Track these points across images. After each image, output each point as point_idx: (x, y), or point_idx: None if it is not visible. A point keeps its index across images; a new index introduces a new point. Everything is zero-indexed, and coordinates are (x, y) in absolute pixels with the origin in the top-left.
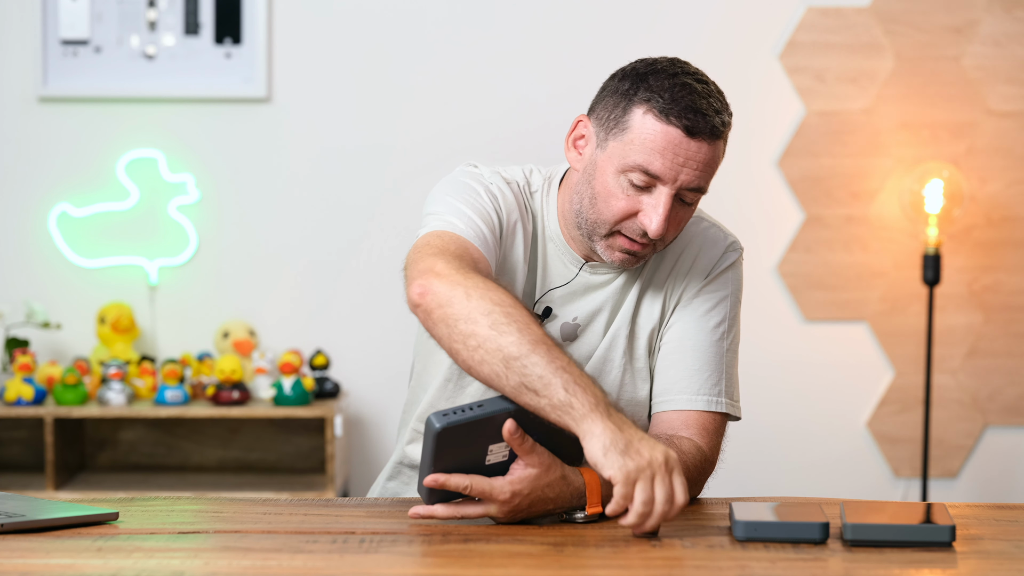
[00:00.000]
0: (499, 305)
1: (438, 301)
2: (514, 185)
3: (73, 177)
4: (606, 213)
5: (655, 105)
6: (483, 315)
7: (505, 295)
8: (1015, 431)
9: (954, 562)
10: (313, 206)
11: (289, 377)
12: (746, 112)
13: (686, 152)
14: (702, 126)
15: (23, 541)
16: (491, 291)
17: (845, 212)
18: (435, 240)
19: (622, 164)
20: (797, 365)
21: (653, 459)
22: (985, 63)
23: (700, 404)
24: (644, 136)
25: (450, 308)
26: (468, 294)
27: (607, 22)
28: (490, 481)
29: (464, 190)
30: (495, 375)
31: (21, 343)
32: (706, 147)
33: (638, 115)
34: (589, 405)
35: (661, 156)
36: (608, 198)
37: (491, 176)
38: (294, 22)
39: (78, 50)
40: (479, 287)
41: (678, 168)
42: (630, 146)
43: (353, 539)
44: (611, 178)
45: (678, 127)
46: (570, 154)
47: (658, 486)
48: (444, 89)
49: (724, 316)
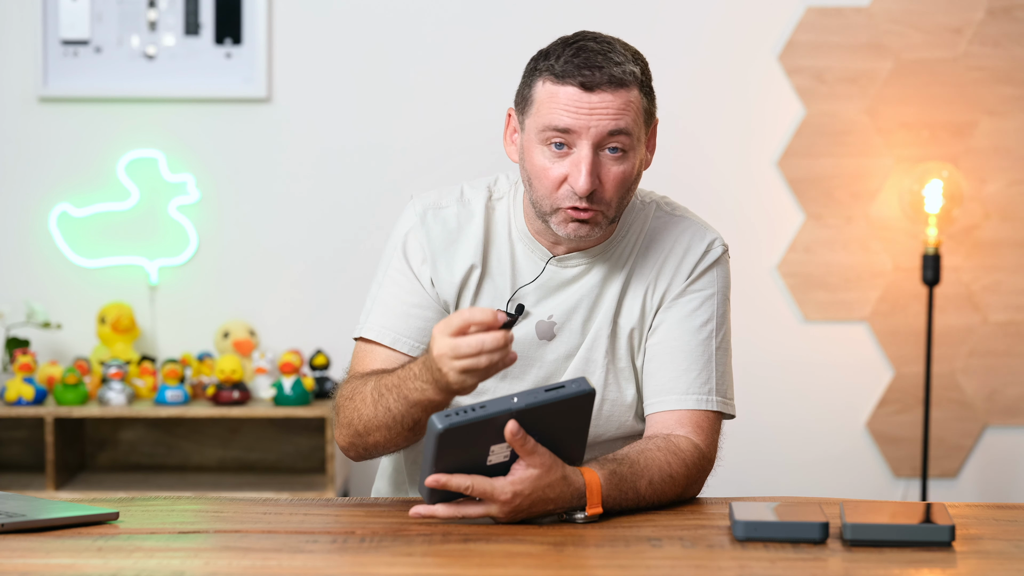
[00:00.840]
0: (354, 409)
1: (347, 451)
2: (449, 210)
3: (73, 177)
4: (541, 188)
5: (550, 72)
6: (360, 426)
7: (357, 394)
8: (1015, 431)
9: (954, 562)
10: (313, 206)
11: (289, 377)
12: (746, 112)
13: (589, 104)
14: (598, 78)
15: (23, 541)
16: (353, 404)
17: (845, 212)
18: (346, 383)
19: (537, 133)
20: (797, 365)
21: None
22: (985, 63)
23: (690, 403)
24: (547, 100)
25: (352, 449)
26: (344, 433)
27: (607, 22)
28: (491, 481)
29: (387, 284)
30: (395, 426)
31: (21, 343)
32: (609, 96)
33: (539, 86)
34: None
35: (566, 112)
36: (539, 174)
37: (411, 231)
38: (294, 22)
39: (78, 50)
40: (347, 415)
41: (586, 118)
42: (538, 115)
43: (353, 539)
44: (536, 154)
45: (574, 85)
46: (507, 148)
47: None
48: (444, 89)
49: (711, 314)
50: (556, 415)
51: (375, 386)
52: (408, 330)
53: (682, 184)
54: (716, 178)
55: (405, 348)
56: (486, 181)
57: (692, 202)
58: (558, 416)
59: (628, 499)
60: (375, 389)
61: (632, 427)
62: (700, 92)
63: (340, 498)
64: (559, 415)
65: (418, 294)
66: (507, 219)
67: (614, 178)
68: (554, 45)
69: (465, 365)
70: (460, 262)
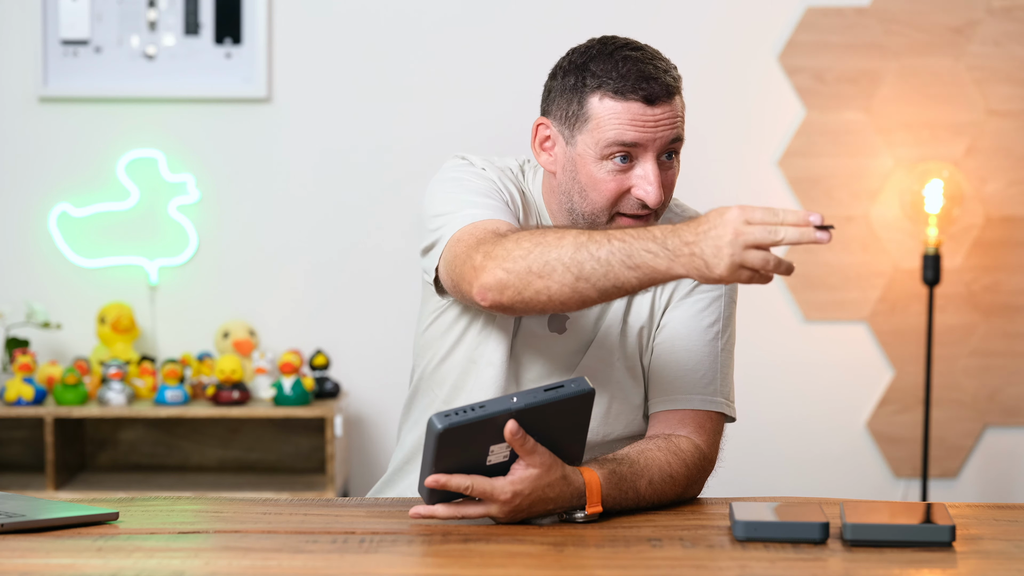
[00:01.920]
0: (536, 244)
1: (498, 290)
2: (507, 172)
3: (73, 177)
4: (600, 200)
5: (608, 88)
6: (536, 265)
7: (530, 233)
8: (1015, 431)
9: (954, 562)
10: (313, 206)
11: (289, 377)
12: (746, 112)
13: (653, 118)
14: (657, 90)
15: (23, 541)
16: (521, 242)
17: (845, 212)
18: (466, 237)
19: (599, 150)
20: (797, 365)
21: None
22: (985, 63)
23: (695, 403)
24: (610, 116)
25: (510, 287)
26: (506, 267)
27: (606, 22)
28: (491, 481)
29: (463, 182)
30: (591, 279)
31: (21, 343)
32: (668, 106)
33: (595, 103)
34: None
35: (632, 128)
36: (597, 185)
37: (484, 164)
38: (294, 22)
39: (78, 50)
40: (510, 250)
41: (652, 132)
42: (599, 131)
43: (353, 539)
44: (594, 167)
45: (637, 99)
46: (541, 157)
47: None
48: (444, 89)
49: (718, 316)
50: (556, 415)
51: (581, 232)
52: (512, 219)
53: (682, 184)
54: (716, 178)
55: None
56: (514, 158)
57: (692, 202)
58: (558, 416)
59: (628, 499)
60: (581, 234)
61: (640, 426)
62: (700, 92)
63: (340, 498)
64: (559, 415)
65: (502, 192)
66: (534, 200)
67: (669, 182)
68: (594, 57)
69: (755, 237)
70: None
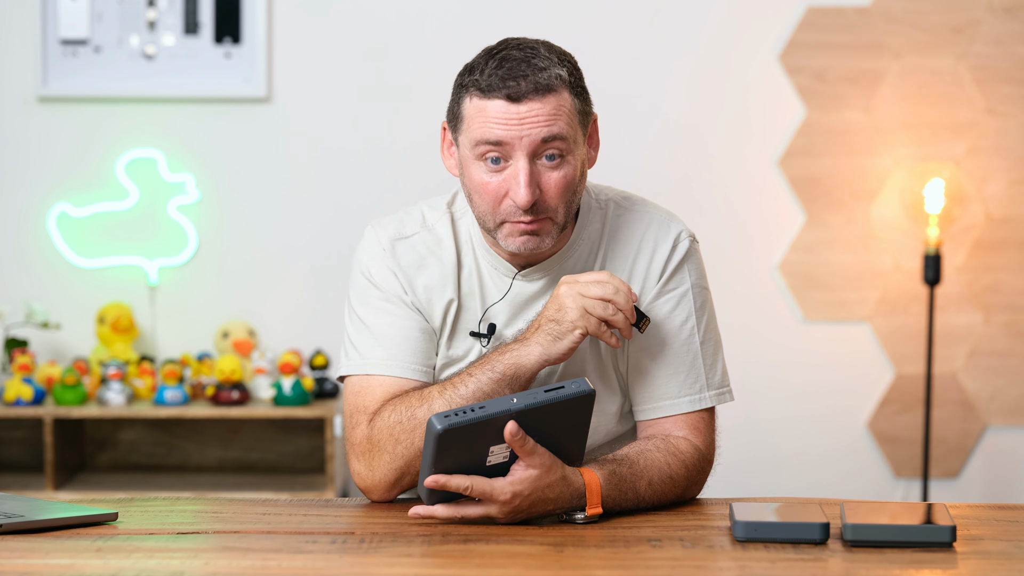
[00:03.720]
0: (404, 429)
1: (386, 492)
2: (417, 237)
3: (73, 177)
4: (483, 205)
5: (476, 88)
6: (409, 453)
7: (398, 412)
8: (1015, 431)
9: (954, 562)
10: (313, 206)
11: (289, 377)
12: (746, 112)
13: (518, 115)
14: (523, 87)
15: (23, 541)
16: (391, 432)
17: (845, 212)
18: (352, 398)
19: (472, 151)
20: (797, 365)
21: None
22: (985, 63)
23: (684, 406)
24: (476, 115)
25: (397, 486)
26: (383, 473)
27: (606, 23)
28: (491, 482)
29: (366, 308)
30: None
31: (21, 343)
32: (538, 105)
33: (467, 103)
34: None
35: (496, 125)
36: (479, 189)
37: (380, 261)
38: (294, 22)
39: (78, 50)
40: (381, 452)
41: (517, 129)
42: (470, 130)
43: (353, 539)
44: (473, 168)
45: (500, 98)
46: (447, 163)
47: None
48: (444, 89)
49: (689, 311)
50: (556, 415)
51: (439, 387)
52: (416, 354)
53: (682, 184)
54: (716, 178)
55: (416, 375)
56: (443, 200)
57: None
58: (557, 416)
59: (628, 500)
60: (442, 388)
61: (615, 431)
62: (700, 92)
63: (340, 498)
64: (558, 415)
65: (410, 317)
66: (469, 237)
67: (555, 184)
68: (478, 58)
69: (598, 294)
70: (438, 294)
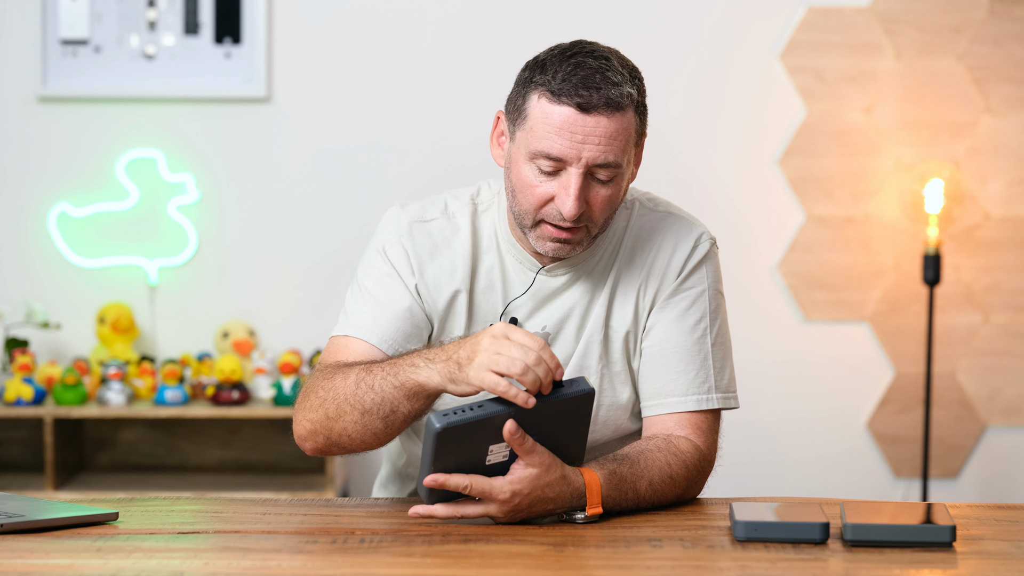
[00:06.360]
0: (330, 389)
1: (311, 440)
2: (435, 223)
3: (73, 177)
4: (525, 203)
5: (547, 88)
6: (331, 410)
7: (329, 377)
8: (1015, 431)
9: (954, 562)
10: (313, 206)
11: (289, 377)
12: (746, 112)
13: (583, 129)
14: (595, 100)
15: (23, 541)
16: (323, 387)
17: (845, 212)
18: (324, 355)
19: (528, 152)
20: (797, 365)
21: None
22: (985, 63)
23: (691, 404)
24: (540, 120)
25: (319, 435)
26: (310, 418)
27: (607, 22)
28: (490, 481)
29: (369, 279)
30: (372, 411)
31: (21, 343)
32: (605, 120)
33: (533, 101)
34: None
35: (559, 137)
36: (525, 188)
37: (397, 239)
38: (294, 22)
39: (78, 50)
40: (312, 400)
41: (578, 147)
42: (531, 133)
43: (353, 539)
44: (524, 168)
45: (570, 105)
46: (494, 151)
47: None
48: (443, 89)
49: (703, 312)
50: (555, 415)
51: (363, 368)
52: (395, 333)
53: (682, 184)
54: (716, 178)
55: (389, 351)
56: (468, 192)
57: (692, 202)
58: (557, 416)
59: (628, 499)
60: (363, 370)
61: (627, 428)
62: (700, 92)
63: (340, 498)
64: (558, 415)
65: (407, 298)
66: (493, 230)
67: (601, 200)
68: (550, 56)
69: (510, 352)
70: (446, 282)
